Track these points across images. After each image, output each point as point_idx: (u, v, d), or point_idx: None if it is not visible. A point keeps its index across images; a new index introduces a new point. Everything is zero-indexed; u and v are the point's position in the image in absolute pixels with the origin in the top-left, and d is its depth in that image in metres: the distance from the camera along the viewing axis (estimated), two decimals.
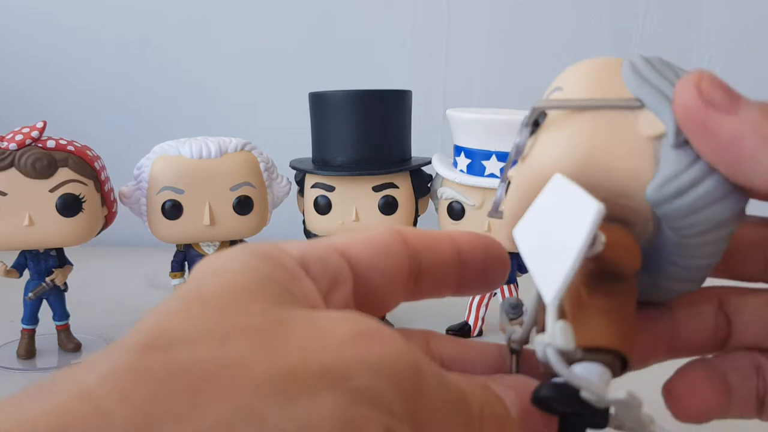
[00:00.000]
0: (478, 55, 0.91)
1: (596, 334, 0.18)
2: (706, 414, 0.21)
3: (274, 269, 0.16)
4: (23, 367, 0.51)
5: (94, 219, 0.50)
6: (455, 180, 0.52)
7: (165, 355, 0.13)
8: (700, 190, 0.17)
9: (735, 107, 0.17)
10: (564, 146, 0.19)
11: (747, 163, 0.16)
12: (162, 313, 0.14)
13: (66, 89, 0.92)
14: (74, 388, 0.12)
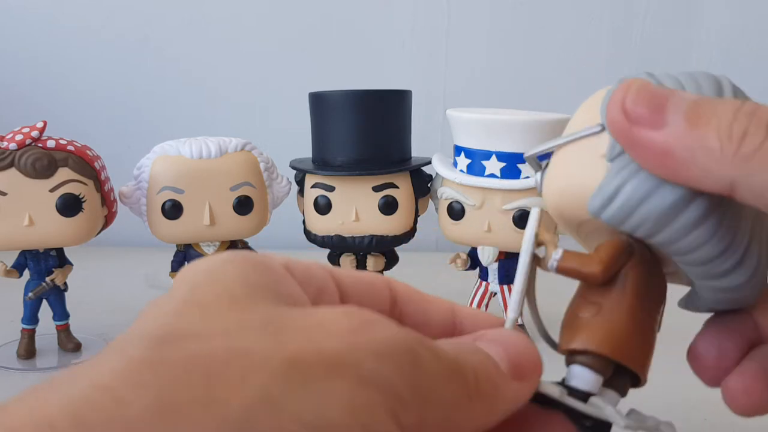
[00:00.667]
0: (478, 55, 0.91)
1: (578, 339, 0.20)
2: (762, 409, 0.22)
3: (264, 275, 0.17)
4: (23, 367, 0.51)
5: (94, 219, 0.50)
6: (455, 180, 0.52)
7: (178, 346, 0.13)
8: (624, 194, 0.19)
9: (661, 121, 0.17)
10: (549, 180, 0.22)
11: (681, 171, 0.17)
12: (163, 315, 0.14)
13: (66, 89, 0.92)
14: (89, 382, 0.12)
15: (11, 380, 0.49)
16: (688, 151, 0.17)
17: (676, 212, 0.18)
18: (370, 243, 0.55)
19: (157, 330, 0.14)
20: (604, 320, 0.20)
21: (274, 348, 0.13)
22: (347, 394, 0.13)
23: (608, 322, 0.20)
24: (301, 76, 0.90)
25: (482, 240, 0.53)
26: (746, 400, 0.21)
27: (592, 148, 0.20)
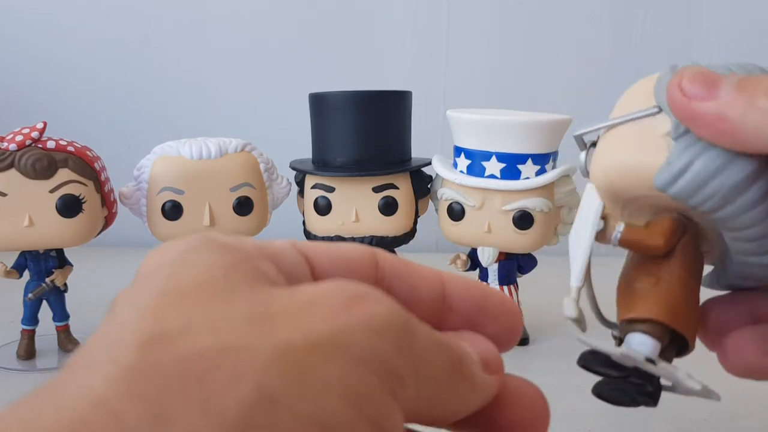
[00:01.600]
0: (478, 56, 0.91)
1: (636, 308, 0.22)
2: (753, 372, 0.23)
3: (238, 255, 0.16)
4: (23, 367, 0.51)
5: (94, 219, 0.50)
6: (455, 181, 0.52)
7: (167, 348, 0.13)
8: (694, 169, 0.20)
9: (714, 93, 0.20)
10: (601, 158, 0.23)
11: (736, 134, 0.19)
12: (143, 311, 0.14)
13: (66, 90, 0.92)
14: (83, 393, 0.12)
15: (11, 381, 0.49)
16: (740, 113, 0.19)
17: (743, 188, 0.20)
18: (369, 243, 0.55)
19: (143, 330, 0.13)
20: (663, 290, 0.21)
21: (263, 339, 0.13)
22: (343, 379, 0.13)
23: (667, 293, 0.21)
24: (301, 77, 0.90)
25: (482, 241, 0.53)
26: (737, 359, 0.23)
27: (650, 128, 0.21)
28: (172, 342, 0.13)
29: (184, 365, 0.12)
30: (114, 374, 0.12)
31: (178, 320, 0.13)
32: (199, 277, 0.15)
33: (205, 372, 0.12)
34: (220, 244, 0.16)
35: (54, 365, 0.52)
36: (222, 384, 0.12)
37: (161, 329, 0.13)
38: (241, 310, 0.14)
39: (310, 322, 0.13)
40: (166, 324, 0.13)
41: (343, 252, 0.19)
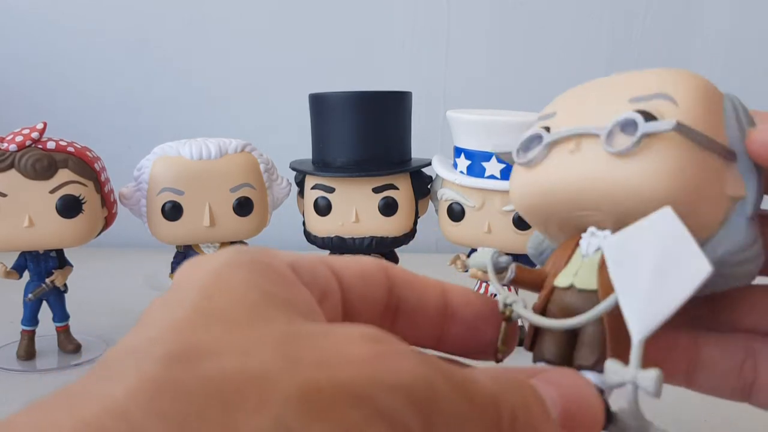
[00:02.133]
0: (479, 56, 0.91)
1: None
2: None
3: (276, 281, 0.16)
4: (23, 368, 0.51)
5: (94, 220, 0.50)
6: (455, 181, 0.52)
7: (194, 366, 0.12)
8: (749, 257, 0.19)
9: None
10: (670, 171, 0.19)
11: None
12: (177, 325, 0.14)
13: (66, 90, 0.92)
14: (104, 403, 0.12)
15: (11, 381, 0.49)
16: None
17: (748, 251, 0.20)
18: (370, 244, 0.55)
19: (171, 344, 0.13)
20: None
21: (290, 374, 0.13)
22: (359, 426, 0.13)
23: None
24: (301, 78, 0.90)
25: (482, 241, 0.53)
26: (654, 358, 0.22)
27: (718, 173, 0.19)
28: (200, 360, 0.13)
29: (209, 388, 0.12)
30: (137, 386, 0.12)
31: (208, 339, 0.13)
32: (237, 299, 0.15)
33: (229, 398, 0.12)
34: (258, 263, 0.16)
35: (54, 366, 0.52)
36: (244, 413, 0.12)
37: (190, 345, 0.13)
38: (272, 338, 0.14)
39: (337, 366, 0.13)
40: (195, 340, 0.13)
41: (361, 266, 0.19)
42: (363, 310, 0.19)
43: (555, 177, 0.20)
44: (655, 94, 0.19)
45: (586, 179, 0.20)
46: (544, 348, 0.20)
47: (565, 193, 0.20)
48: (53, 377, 0.50)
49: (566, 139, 0.20)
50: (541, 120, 0.22)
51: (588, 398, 0.17)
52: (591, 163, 0.19)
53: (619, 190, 0.19)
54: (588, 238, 0.20)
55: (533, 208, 0.22)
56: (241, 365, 0.13)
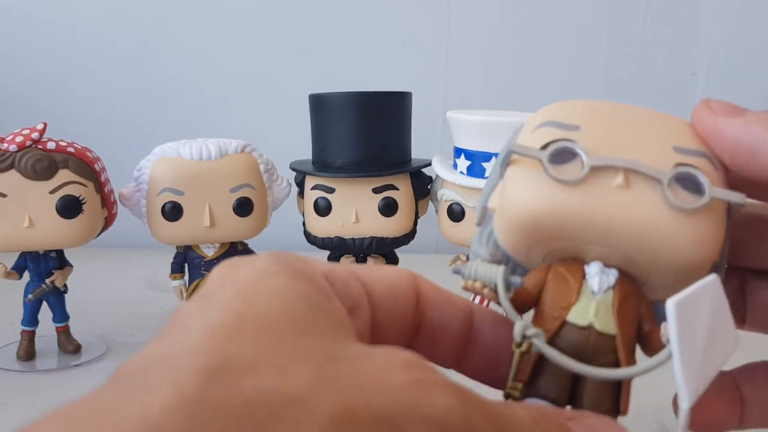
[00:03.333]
0: (479, 56, 0.91)
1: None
2: (718, 427, 0.22)
3: (316, 293, 0.16)
4: (23, 368, 0.51)
5: (94, 220, 0.50)
6: (455, 182, 0.52)
7: (231, 385, 0.12)
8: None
9: (740, 112, 0.20)
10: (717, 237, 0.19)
11: (755, 157, 0.19)
12: (214, 329, 0.14)
13: (66, 91, 0.92)
14: (138, 419, 0.11)
15: (11, 382, 0.49)
16: (760, 140, 0.19)
17: None
18: (369, 245, 0.55)
19: (209, 356, 0.13)
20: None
21: (326, 397, 0.13)
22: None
23: None
24: (301, 78, 0.90)
25: None
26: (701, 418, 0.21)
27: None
28: (238, 378, 0.12)
29: (246, 410, 0.12)
30: (174, 403, 0.12)
31: (247, 352, 0.13)
32: (276, 307, 0.14)
33: (264, 420, 0.12)
34: (299, 271, 0.16)
35: (54, 366, 0.52)
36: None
37: (228, 358, 0.13)
38: (313, 357, 0.13)
39: (373, 392, 0.13)
40: (234, 353, 0.13)
41: (389, 279, 0.19)
42: (390, 326, 0.19)
43: (606, 210, 0.19)
44: (698, 151, 0.20)
45: (644, 225, 0.19)
46: (543, 384, 0.19)
47: (607, 228, 0.19)
48: (53, 378, 0.50)
49: (611, 169, 0.19)
50: (558, 127, 0.20)
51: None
52: (649, 208, 0.19)
53: (672, 244, 0.19)
54: (599, 275, 0.20)
55: (546, 228, 0.20)
56: (278, 386, 0.12)
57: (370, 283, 0.18)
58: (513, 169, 0.20)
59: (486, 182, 0.22)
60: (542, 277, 0.20)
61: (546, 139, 0.20)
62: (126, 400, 0.12)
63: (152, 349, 0.14)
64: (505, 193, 0.20)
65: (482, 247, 0.21)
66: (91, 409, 0.12)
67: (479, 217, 0.22)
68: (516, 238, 0.20)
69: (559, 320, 0.19)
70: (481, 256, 0.22)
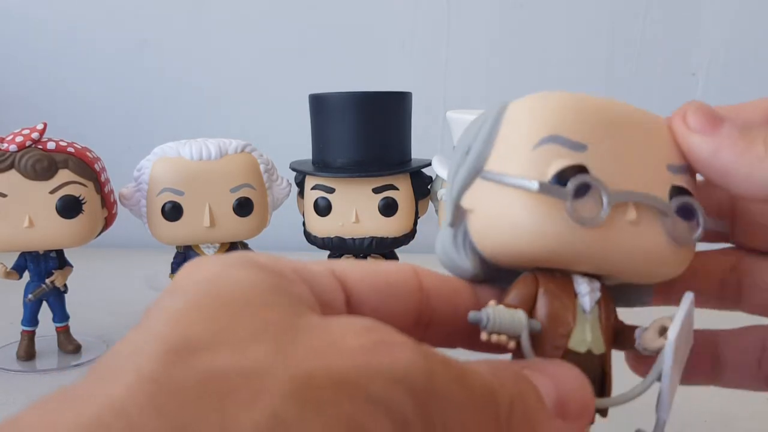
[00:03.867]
0: (479, 57, 0.91)
1: None
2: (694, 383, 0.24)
3: (277, 277, 0.16)
4: (23, 368, 0.51)
5: (94, 220, 0.50)
6: None
7: (190, 363, 0.13)
8: None
9: (716, 129, 0.20)
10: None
11: (725, 173, 0.19)
12: (174, 318, 0.14)
13: (66, 91, 0.92)
14: (105, 402, 0.12)
15: (11, 382, 0.49)
16: (736, 154, 0.19)
17: None
18: (369, 245, 0.55)
19: (167, 337, 0.13)
20: None
21: (284, 366, 0.13)
22: (355, 418, 0.13)
23: None
24: (301, 78, 0.90)
25: None
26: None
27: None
28: (196, 355, 0.13)
29: (206, 384, 0.12)
30: (136, 383, 0.12)
31: (204, 331, 0.14)
32: (235, 292, 0.15)
33: (225, 394, 0.12)
34: (261, 264, 0.16)
35: (54, 366, 0.52)
36: (240, 408, 0.12)
37: (186, 339, 0.13)
38: (270, 330, 0.14)
39: (331, 357, 0.13)
40: (191, 334, 0.13)
41: (383, 275, 0.19)
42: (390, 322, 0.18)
43: (620, 247, 0.19)
44: (684, 166, 0.20)
45: (650, 258, 0.19)
46: None
47: (615, 261, 0.19)
48: (53, 378, 0.50)
49: (623, 203, 0.19)
50: (564, 145, 0.19)
51: (580, 387, 0.18)
52: (656, 241, 0.19)
53: (668, 270, 0.20)
54: (589, 293, 0.19)
55: (551, 261, 0.19)
56: (237, 359, 0.13)
57: (351, 283, 0.18)
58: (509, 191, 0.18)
59: (452, 173, 0.21)
60: (531, 293, 0.19)
61: (555, 165, 0.18)
62: (95, 387, 0.12)
63: (122, 342, 0.14)
64: (503, 214, 0.19)
65: (460, 253, 0.20)
66: (65, 398, 0.12)
67: (452, 216, 0.21)
68: (509, 259, 0.20)
69: (562, 350, 0.19)
70: (461, 266, 0.20)
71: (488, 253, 0.20)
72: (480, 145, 0.20)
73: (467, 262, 0.20)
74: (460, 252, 0.20)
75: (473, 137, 0.20)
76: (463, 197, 0.20)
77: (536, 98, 0.20)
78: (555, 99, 0.20)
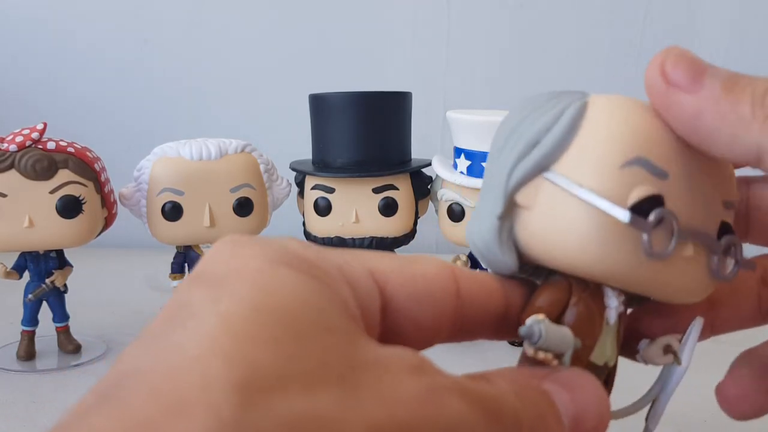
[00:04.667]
0: (479, 57, 0.91)
1: None
2: (757, 412, 0.22)
3: (326, 282, 0.15)
4: (23, 368, 0.51)
5: (94, 220, 0.50)
6: (455, 182, 0.52)
7: (267, 407, 0.12)
8: None
9: (697, 85, 0.17)
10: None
11: (711, 136, 0.17)
12: (234, 327, 0.13)
13: (66, 91, 0.92)
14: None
15: (11, 382, 0.49)
16: (720, 116, 0.17)
17: None
18: (369, 244, 0.55)
19: (237, 366, 0.12)
20: None
21: (352, 413, 0.13)
22: None
23: None
24: (301, 78, 0.90)
25: None
26: (743, 406, 0.22)
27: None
28: (271, 396, 0.12)
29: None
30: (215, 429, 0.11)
31: (273, 361, 0.13)
32: (293, 301, 0.14)
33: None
34: (308, 264, 0.16)
35: (54, 366, 0.52)
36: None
37: (256, 369, 0.13)
38: (334, 364, 0.14)
39: (395, 407, 0.14)
40: (261, 361, 0.13)
41: (422, 282, 0.18)
42: (409, 330, 0.18)
43: (673, 280, 0.19)
44: (734, 202, 0.20)
45: (693, 290, 0.19)
46: None
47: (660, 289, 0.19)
48: (53, 378, 0.50)
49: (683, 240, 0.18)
50: (649, 171, 0.18)
51: (597, 401, 0.17)
52: (702, 276, 0.19)
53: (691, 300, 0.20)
54: (616, 307, 0.19)
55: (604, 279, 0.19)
56: (310, 405, 0.13)
57: (392, 287, 0.18)
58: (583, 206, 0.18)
59: (508, 162, 0.20)
60: (562, 300, 0.19)
61: (637, 191, 0.18)
62: (163, 421, 0.11)
63: (164, 339, 0.13)
64: (571, 227, 0.18)
65: (503, 248, 0.19)
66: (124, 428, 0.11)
67: (503, 209, 0.19)
68: (558, 265, 0.19)
69: (584, 363, 0.19)
70: (503, 261, 0.20)
71: (536, 255, 0.19)
72: (552, 142, 0.19)
73: (510, 258, 0.19)
74: (503, 247, 0.19)
75: (543, 130, 0.19)
76: (519, 192, 0.19)
77: (620, 106, 0.19)
78: (641, 115, 0.19)
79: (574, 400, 0.17)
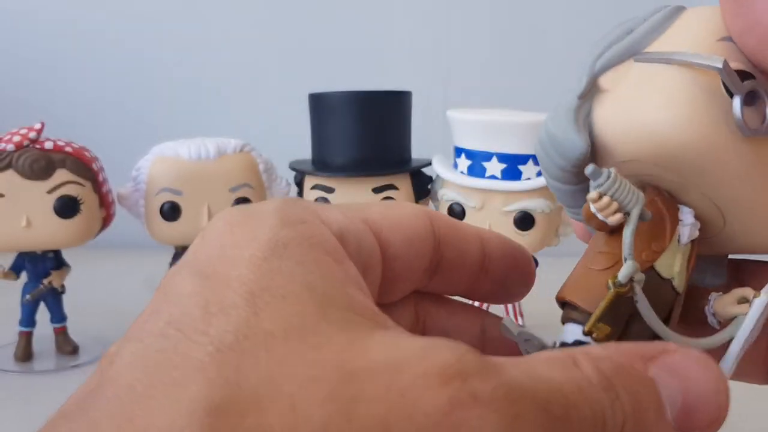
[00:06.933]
0: (479, 56, 0.91)
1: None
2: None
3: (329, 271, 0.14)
4: (20, 369, 0.51)
5: (92, 220, 0.50)
6: (455, 181, 0.52)
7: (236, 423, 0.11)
8: None
9: None
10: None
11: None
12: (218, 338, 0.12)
13: (64, 90, 0.91)
14: None
15: (8, 383, 0.49)
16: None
17: None
18: None
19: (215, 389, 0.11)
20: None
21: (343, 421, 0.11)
22: None
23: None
24: (300, 77, 0.90)
25: None
26: None
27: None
28: (244, 415, 0.11)
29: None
30: None
31: (254, 374, 0.12)
32: (287, 302, 0.13)
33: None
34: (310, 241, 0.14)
35: (51, 367, 0.51)
36: None
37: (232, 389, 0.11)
38: (325, 376, 0.12)
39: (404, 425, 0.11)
40: (239, 380, 0.11)
41: (404, 222, 0.18)
42: (405, 274, 0.18)
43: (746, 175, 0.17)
44: None
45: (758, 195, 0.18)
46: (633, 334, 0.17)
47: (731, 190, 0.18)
48: (50, 378, 0.50)
49: None
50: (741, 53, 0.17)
51: (714, 392, 0.14)
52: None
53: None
54: (690, 226, 0.18)
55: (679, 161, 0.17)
56: (288, 425, 0.11)
57: (385, 237, 0.17)
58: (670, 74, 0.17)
59: (598, 50, 0.19)
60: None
61: (734, 63, 0.17)
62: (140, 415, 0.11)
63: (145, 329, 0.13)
64: (652, 95, 0.17)
65: (577, 125, 0.18)
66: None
67: (585, 88, 0.19)
68: (630, 148, 0.18)
69: (648, 263, 0.17)
70: (573, 142, 0.18)
71: (609, 137, 0.18)
72: (647, 28, 0.19)
73: (583, 137, 0.18)
74: (578, 125, 0.18)
75: (639, 21, 0.19)
76: (605, 74, 0.19)
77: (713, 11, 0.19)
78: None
79: (684, 390, 0.14)
